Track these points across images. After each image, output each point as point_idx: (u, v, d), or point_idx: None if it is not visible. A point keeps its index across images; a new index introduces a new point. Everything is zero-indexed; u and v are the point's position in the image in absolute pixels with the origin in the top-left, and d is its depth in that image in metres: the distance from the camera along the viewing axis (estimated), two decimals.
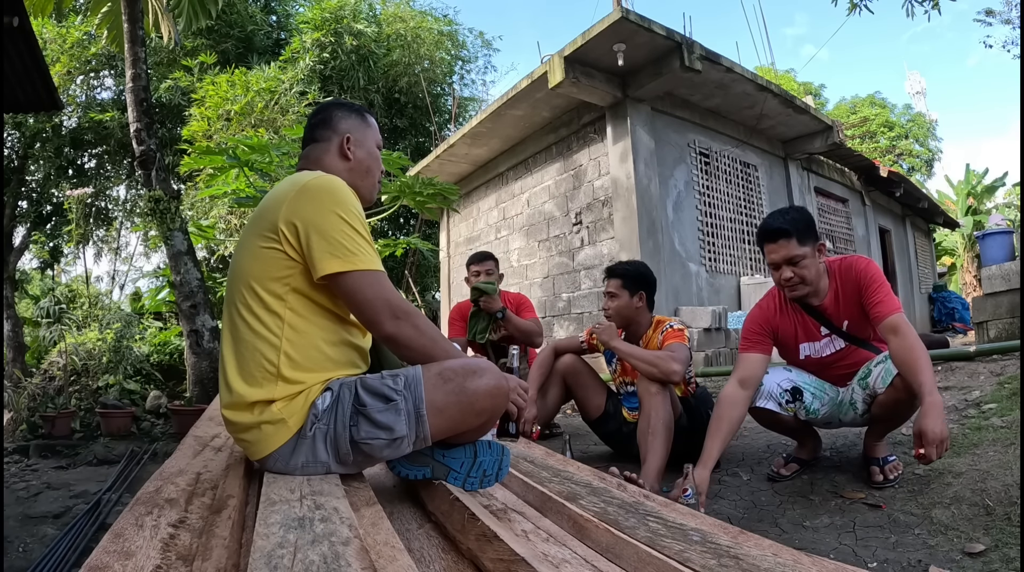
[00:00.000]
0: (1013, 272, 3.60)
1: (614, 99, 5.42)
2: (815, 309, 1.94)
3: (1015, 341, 3.19)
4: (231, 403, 1.13)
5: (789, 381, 1.98)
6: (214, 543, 0.81)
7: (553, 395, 2.59)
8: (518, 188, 6.94)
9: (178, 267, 5.14)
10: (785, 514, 1.80)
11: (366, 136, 1.38)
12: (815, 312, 1.95)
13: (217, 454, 1.36)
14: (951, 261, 15.72)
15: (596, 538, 0.97)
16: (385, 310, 1.13)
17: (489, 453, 1.22)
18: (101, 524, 2.56)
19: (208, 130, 6.61)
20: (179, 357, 6.56)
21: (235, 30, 9.63)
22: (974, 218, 14.02)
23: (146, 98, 5.25)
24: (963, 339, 7.11)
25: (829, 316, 1.92)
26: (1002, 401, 2.44)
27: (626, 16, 4.49)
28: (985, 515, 1.54)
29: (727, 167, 6.36)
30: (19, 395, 5.09)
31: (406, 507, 1.19)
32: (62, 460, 4.07)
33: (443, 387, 1.11)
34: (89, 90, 9.71)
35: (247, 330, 1.14)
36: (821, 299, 1.92)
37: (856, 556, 1.46)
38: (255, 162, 3.65)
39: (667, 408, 2.08)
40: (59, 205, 9.93)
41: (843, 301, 1.90)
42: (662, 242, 5.41)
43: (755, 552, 0.89)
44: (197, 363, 5.06)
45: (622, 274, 2.40)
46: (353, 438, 1.09)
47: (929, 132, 22.66)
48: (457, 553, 0.95)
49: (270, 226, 1.14)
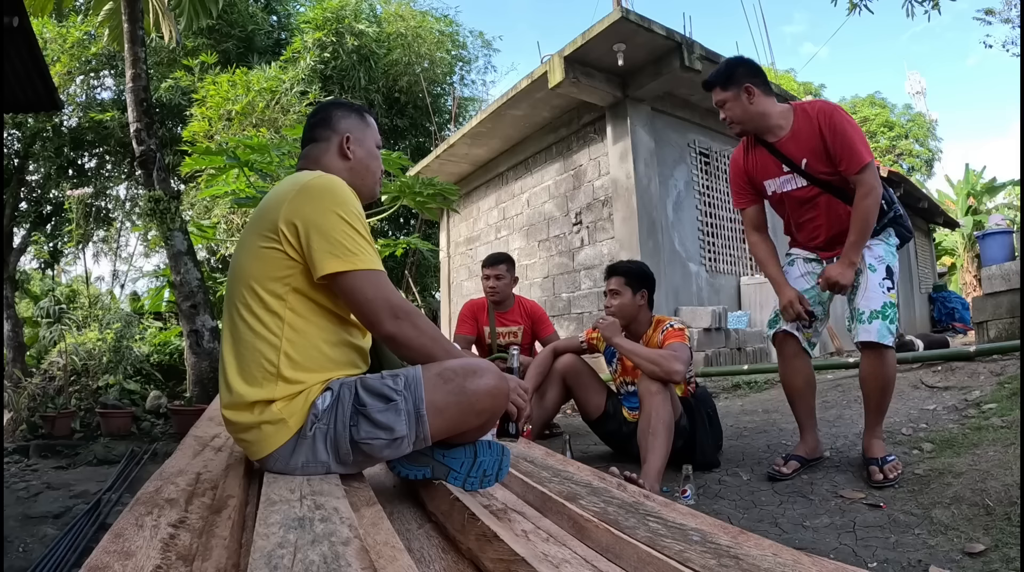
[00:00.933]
0: (1013, 272, 3.60)
1: (614, 99, 5.42)
2: (774, 147, 2.09)
3: (1015, 341, 3.19)
4: (231, 403, 1.14)
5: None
6: (214, 543, 0.82)
7: (552, 395, 2.59)
8: (518, 188, 6.94)
9: (178, 267, 5.14)
10: (785, 514, 1.80)
11: (365, 135, 1.38)
12: (774, 150, 2.09)
13: (217, 454, 1.36)
14: (951, 261, 15.72)
15: (596, 538, 0.97)
16: (385, 310, 1.13)
17: (489, 453, 1.22)
18: (101, 524, 2.56)
19: (209, 130, 6.61)
20: (179, 357, 6.55)
21: (236, 30, 9.63)
22: (974, 218, 14.01)
23: (146, 98, 5.25)
24: (963, 339, 7.11)
25: (787, 153, 2.06)
26: (1002, 401, 2.44)
27: (626, 16, 4.49)
28: (985, 515, 1.55)
29: (727, 167, 6.36)
30: (19, 395, 5.09)
31: (406, 507, 1.19)
32: (62, 460, 4.07)
33: (443, 387, 1.11)
34: (89, 90, 9.71)
35: (247, 330, 1.14)
36: (778, 137, 2.08)
37: (856, 556, 1.46)
38: (255, 162, 3.65)
39: (667, 408, 2.08)
40: (59, 205, 9.93)
41: (802, 139, 2.02)
42: (662, 242, 5.41)
43: (755, 552, 0.89)
44: (197, 363, 5.06)
45: (624, 272, 2.40)
46: (353, 438, 1.09)
47: (929, 132, 22.65)
48: (457, 553, 0.95)
49: (270, 226, 1.15)
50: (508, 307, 3.41)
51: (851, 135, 1.93)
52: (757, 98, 2.06)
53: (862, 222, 1.93)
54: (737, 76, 2.08)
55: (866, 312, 1.98)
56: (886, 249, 2.06)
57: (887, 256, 2.04)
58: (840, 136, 1.93)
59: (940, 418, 2.49)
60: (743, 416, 3.22)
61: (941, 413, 2.55)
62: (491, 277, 3.33)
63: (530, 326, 3.40)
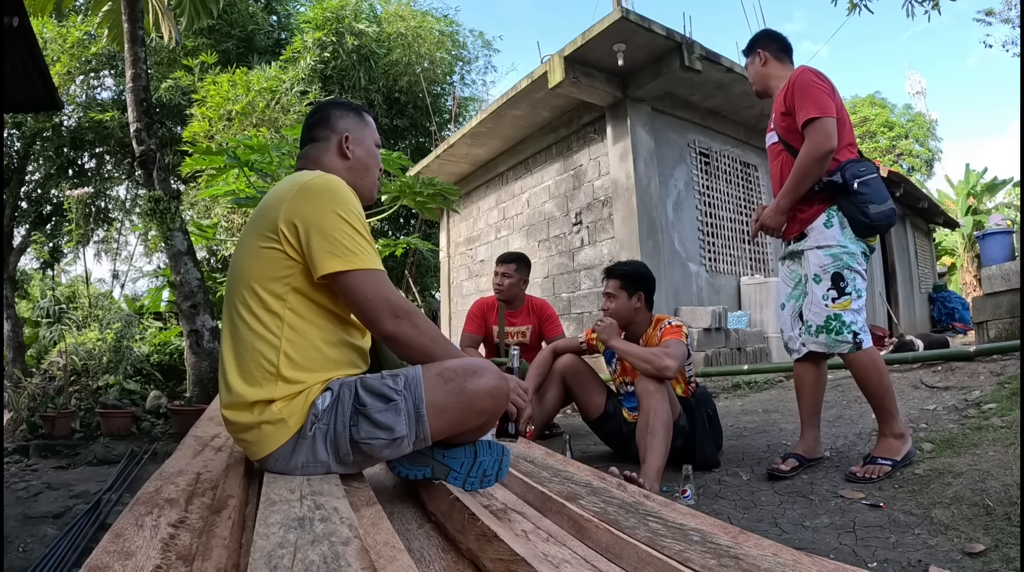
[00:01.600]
0: (1013, 272, 3.61)
1: (614, 99, 5.42)
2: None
3: (1015, 341, 3.19)
4: (231, 403, 1.13)
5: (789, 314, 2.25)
6: (214, 543, 0.81)
7: (552, 396, 2.59)
8: (518, 188, 6.94)
9: (178, 267, 5.13)
10: (785, 514, 1.80)
11: (364, 134, 1.38)
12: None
13: (217, 454, 1.36)
14: (951, 261, 15.72)
15: (596, 538, 0.97)
16: (385, 309, 1.13)
17: (489, 453, 1.22)
18: (101, 524, 2.56)
19: (209, 130, 6.61)
20: (179, 357, 6.56)
21: (236, 30, 9.63)
22: (974, 218, 14.02)
23: (146, 98, 5.25)
24: (963, 339, 7.11)
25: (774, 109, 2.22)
26: (1002, 401, 2.44)
27: (626, 16, 4.49)
28: (985, 515, 1.54)
29: (727, 167, 6.36)
30: (19, 395, 5.09)
31: (406, 507, 1.19)
32: (62, 460, 4.07)
33: (443, 387, 1.11)
34: (89, 90, 9.70)
35: (247, 330, 1.14)
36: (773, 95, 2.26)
37: (856, 556, 1.46)
38: (255, 162, 3.64)
39: (666, 408, 2.08)
40: (59, 205, 9.92)
41: (777, 100, 2.17)
42: (662, 242, 5.41)
43: (755, 552, 0.89)
44: (197, 363, 5.06)
45: (620, 275, 2.40)
46: (353, 438, 1.09)
47: (929, 132, 22.65)
48: (457, 553, 0.95)
49: (270, 226, 1.14)
50: (517, 306, 3.40)
51: (806, 92, 2.01)
52: (769, 62, 2.26)
53: (795, 170, 2.02)
54: (756, 43, 2.31)
55: (812, 325, 2.06)
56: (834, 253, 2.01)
57: (834, 264, 2.01)
58: (797, 91, 2.03)
59: (940, 418, 2.49)
60: (743, 416, 3.22)
61: (941, 413, 2.55)
62: (499, 274, 3.33)
63: (538, 326, 3.40)
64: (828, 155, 1.96)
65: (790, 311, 2.25)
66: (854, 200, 1.99)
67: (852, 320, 1.99)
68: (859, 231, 2.02)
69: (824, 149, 1.95)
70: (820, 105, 1.97)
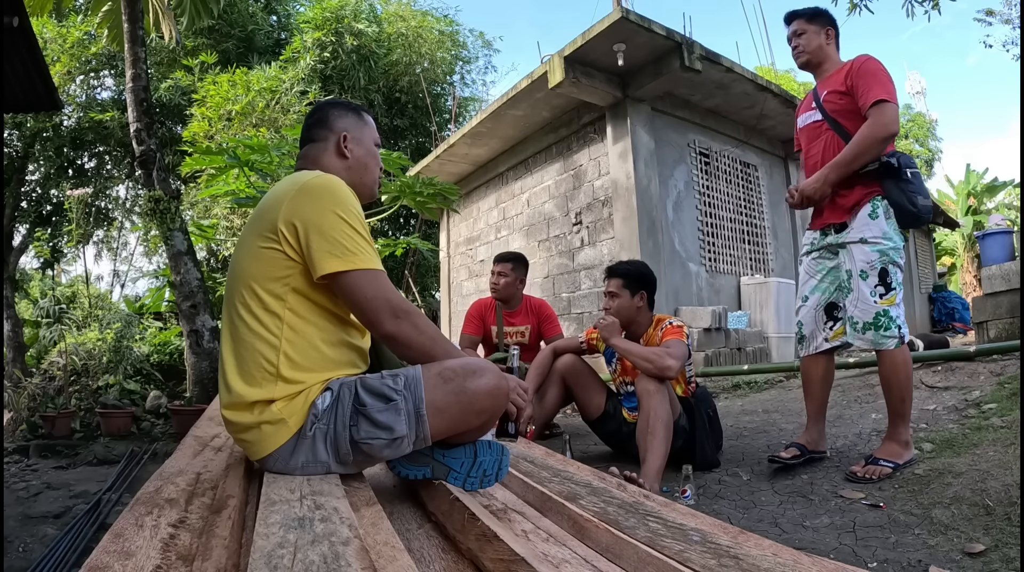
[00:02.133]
0: (1013, 272, 3.60)
1: (614, 99, 5.42)
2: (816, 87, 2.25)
3: (1015, 341, 3.19)
4: (231, 403, 1.13)
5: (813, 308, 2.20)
6: (214, 543, 0.81)
7: (552, 396, 2.59)
8: (518, 188, 6.94)
9: (178, 267, 5.13)
10: (785, 514, 1.80)
11: (363, 134, 1.38)
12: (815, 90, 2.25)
13: (217, 454, 1.36)
14: (951, 261, 15.71)
15: (596, 538, 0.97)
16: (385, 309, 1.13)
17: (489, 453, 1.22)
18: (101, 524, 2.56)
19: (209, 130, 6.61)
20: (179, 357, 6.55)
21: (236, 30, 9.62)
22: (974, 218, 14.01)
23: (146, 98, 5.24)
24: (963, 339, 7.11)
25: (819, 90, 2.22)
26: (1002, 401, 2.44)
27: (626, 16, 4.49)
28: (985, 515, 1.55)
29: (727, 167, 6.36)
30: (19, 395, 5.09)
31: (406, 507, 1.19)
32: (62, 460, 4.07)
33: (443, 387, 1.11)
34: (89, 90, 9.69)
35: (246, 330, 1.14)
36: (822, 77, 2.23)
37: (856, 556, 1.46)
38: (255, 162, 3.64)
39: (666, 408, 2.08)
40: (59, 205, 9.92)
41: (832, 78, 2.16)
42: (662, 242, 5.41)
43: (755, 552, 0.89)
44: (197, 363, 5.05)
45: (623, 274, 2.40)
46: (353, 438, 1.09)
47: (929, 132, 22.63)
48: (457, 553, 0.95)
49: (269, 226, 1.14)
50: (515, 306, 3.40)
51: (875, 77, 2.00)
52: (832, 42, 2.25)
53: (855, 146, 1.98)
54: (824, 17, 2.26)
55: (859, 322, 2.01)
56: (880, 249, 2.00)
57: (880, 259, 2.00)
58: (865, 74, 2.01)
59: (940, 418, 2.49)
60: (743, 416, 3.22)
61: (941, 413, 2.55)
62: (495, 273, 3.34)
63: (537, 326, 3.39)
64: (890, 138, 1.97)
65: (814, 305, 2.19)
66: (905, 188, 1.98)
67: (897, 314, 1.98)
68: (904, 222, 2.01)
69: (889, 131, 1.95)
70: (889, 91, 1.98)
